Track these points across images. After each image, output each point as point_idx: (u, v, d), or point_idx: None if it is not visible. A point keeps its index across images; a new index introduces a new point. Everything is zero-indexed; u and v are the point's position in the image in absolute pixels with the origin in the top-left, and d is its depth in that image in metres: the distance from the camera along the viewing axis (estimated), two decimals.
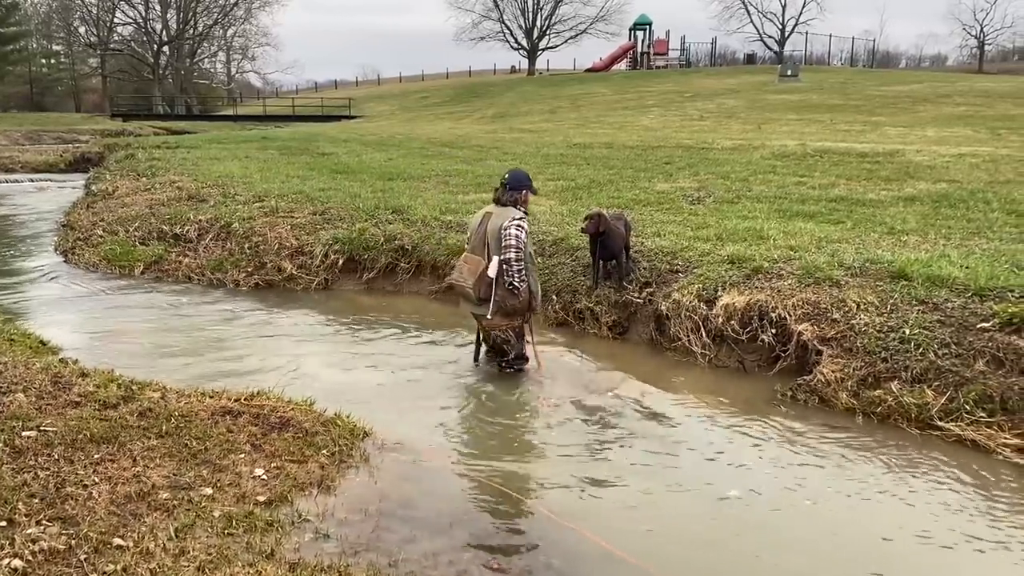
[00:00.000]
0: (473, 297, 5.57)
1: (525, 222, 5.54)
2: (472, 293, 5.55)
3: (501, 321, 5.66)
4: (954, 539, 3.73)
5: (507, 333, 5.79)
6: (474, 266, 5.54)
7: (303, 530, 3.45)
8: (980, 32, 70.55)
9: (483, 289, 5.51)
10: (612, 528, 3.77)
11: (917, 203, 9.39)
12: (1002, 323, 5.03)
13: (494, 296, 5.50)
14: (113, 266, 9.45)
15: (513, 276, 5.45)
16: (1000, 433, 4.53)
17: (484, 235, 5.53)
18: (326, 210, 9.91)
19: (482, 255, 5.53)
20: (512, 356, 5.87)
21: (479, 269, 5.50)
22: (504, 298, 5.52)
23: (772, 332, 5.87)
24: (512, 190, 5.62)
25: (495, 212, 5.57)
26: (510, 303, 5.54)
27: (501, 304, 5.53)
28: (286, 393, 4.88)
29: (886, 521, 3.86)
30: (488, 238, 5.49)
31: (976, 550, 3.65)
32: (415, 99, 51.09)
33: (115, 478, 3.64)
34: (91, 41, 60.80)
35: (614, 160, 14.79)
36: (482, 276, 5.49)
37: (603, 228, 6.59)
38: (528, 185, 5.72)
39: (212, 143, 21.07)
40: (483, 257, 5.52)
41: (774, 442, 4.79)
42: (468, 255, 5.65)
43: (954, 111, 23.30)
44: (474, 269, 5.53)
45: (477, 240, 5.59)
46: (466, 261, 5.64)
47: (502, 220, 5.46)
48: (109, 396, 4.50)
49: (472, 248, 5.64)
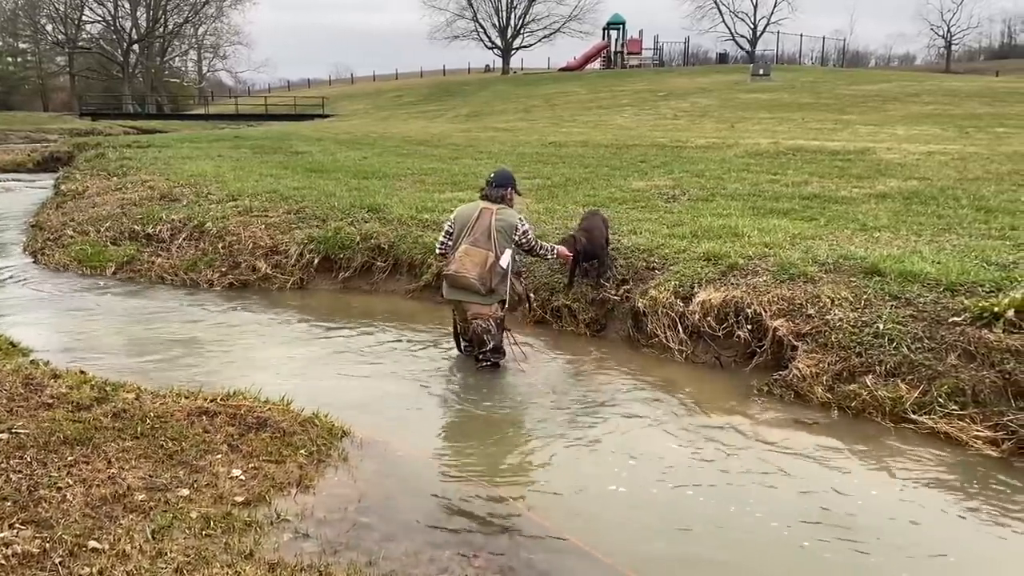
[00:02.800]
0: (479, 288, 5.71)
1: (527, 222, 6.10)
2: (477, 284, 5.70)
3: (497, 311, 5.85)
4: (927, 528, 3.78)
5: (489, 323, 5.85)
6: (479, 258, 5.71)
7: (282, 530, 3.42)
8: (947, 32, 71.85)
9: (494, 280, 5.72)
10: (590, 525, 3.78)
11: (888, 200, 9.51)
12: (973, 317, 5.10)
13: (503, 286, 5.80)
14: (84, 267, 9.31)
15: (547, 254, 6.28)
16: (972, 425, 4.60)
17: (489, 229, 5.74)
18: (301, 209, 9.84)
19: (487, 248, 5.71)
20: (491, 347, 5.91)
21: (487, 261, 5.69)
22: (513, 284, 5.95)
23: (748, 328, 5.92)
24: (499, 187, 5.98)
25: (494, 208, 5.85)
26: (518, 289, 6.15)
27: (510, 294, 5.92)
28: (263, 393, 4.84)
29: (858, 510, 3.91)
30: (494, 232, 5.72)
31: (950, 537, 3.72)
32: (389, 98, 50.88)
33: (90, 480, 3.59)
34: (59, 39, 59.83)
35: (589, 159, 14.83)
36: (493, 268, 5.70)
37: (580, 247, 6.61)
38: (513, 183, 6.10)
39: (184, 142, 20.85)
40: (489, 250, 5.70)
41: (751, 437, 4.82)
42: (470, 248, 5.76)
43: (923, 110, 23.62)
44: (480, 261, 5.70)
45: (480, 233, 5.76)
46: (467, 254, 5.75)
47: (513, 219, 5.87)
48: (82, 397, 4.44)
49: (474, 241, 5.76)
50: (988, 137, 16.67)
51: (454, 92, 47.76)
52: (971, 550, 3.69)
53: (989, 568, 3.60)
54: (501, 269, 5.74)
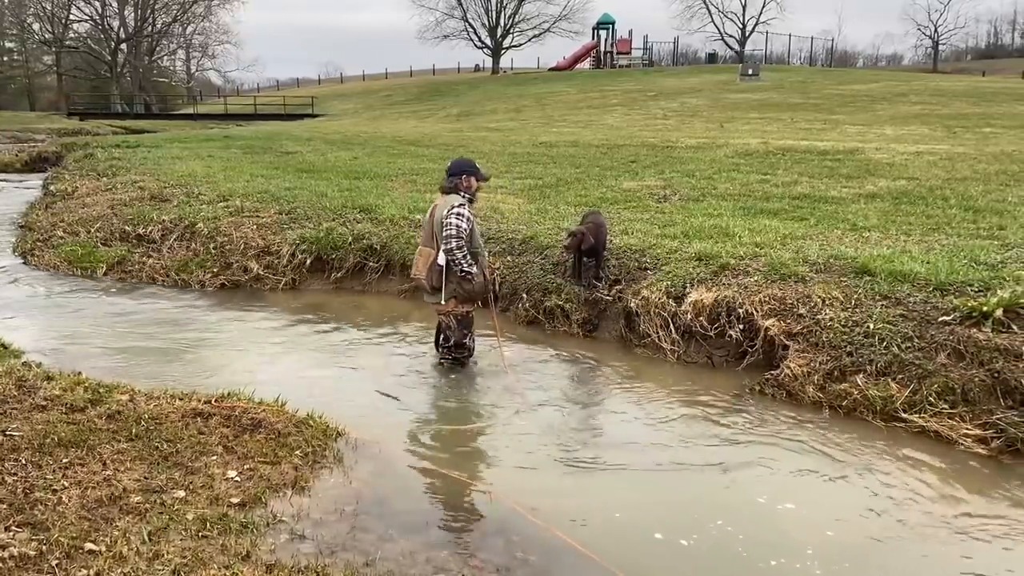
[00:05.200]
0: (427, 287, 5.76)
1: (465, 208, 5.62)
2: (425, 284, 5.76)
3: (455, 307, 5.79)
4: (918, 526, 3.82)
5: (448, 319, 5.87)
6: (424, 257, 5.76)
7: (278, 531, 3.43)
8: (934, 32, 72.26)
9: (435, 278, 5.69)
10: (585, 525, 3.80)
11: (878, 200, 9.58)
12: (962, 317, 5.16)
13: (447, 284, 5.67)
14: (75, 268, 9.28)
15: (460, 264, 5.58)
16: (962, 424, 4.65)
17: (431, 226, 5.71)
18: (292, 209, 9.83)
19: (431, 246, 5.71)
20: (452, 344, 5.92)
21: (429, 259, 5.70)
22: (459, 284, 5.67)
23: (740, 328, 5.96)
24: (452, 176, 5.73)
25: (440, 202, 5.73)
26: (466, 288, 5.70)
27: (456, 291, 5.70)
28: (257, 394, 4.84)
29: (850, 507, 3.95)
30: (435, 228, 5.65)
31: (941, 536, 3.76)
32: (379, 97, 50.79)
33: (85, 482, 3.59)
34: (46, 38, 59.35)
35: (580, 158, 14.86)
36: (432, 266, 5.68)
37: (585, 246, 6.66)
38: (468, 170, 5.79)
39: (173, 142, 20.77)
40: (433, 248, 5.70)
41: (745, 436, 4.85)
42: (421, 248, 5.85)
43: (910, 110, 23.76)
44: (424, 261, 5.75)
45: (426, 232, 5.79)
46: (420, 254, 5.84)
47: (444, 209, 5.59)
48: (76, 399, 4.43)
49: (423, 240, 5.82)
50: (975, 137, 16.80)
51: (444, 92, 47.72)
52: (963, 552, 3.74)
53: None
54: (439, 266, 5.64)
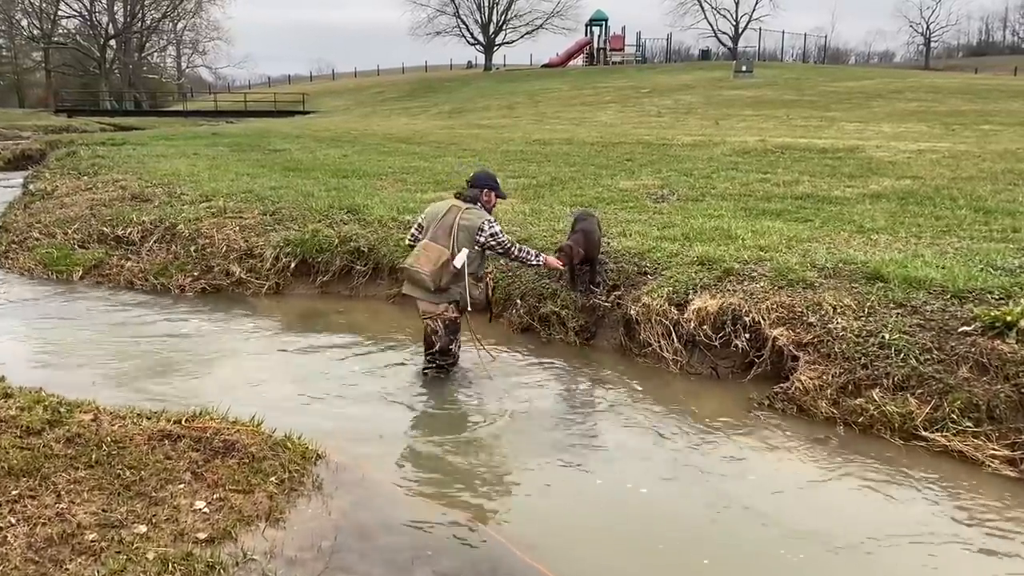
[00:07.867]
0: (429, 285, 5.42)
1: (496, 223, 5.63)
2: (428, 280, 5.39)
3: (448, 312, 5.55)
4: (944, 556, 3.52)
5: (437, 323, 5.61)
6: (435, 254, 5.41)
7: (248, 571, 3.11)
8: (926, 29, 72.22)
9: (444, 278, 5.41)
10: (577, 559, 3.50)
11: (883, 200, 9.27)
12: (984, 327, 4.84)
13: (453, 288, 5.47)
14: (50, 271, 8.92)
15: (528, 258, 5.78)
16: (988, 444, 4.33)
17: (452, 227, 5.44)
18: (277, 210, 9.48)
19: (446, 245, 5.41)
20: (436, 349, 5.65)
21: (441, 259, 5.38)
22: (469, 288, 5.51)
23: (746, 337, 5.64)
24: (474, 187, 5.68)
25: (463, 208, 5.52)
26: (474, 294, 5.60)
27: (462, 297, 5.51)
28: (232, 412, 4.49)
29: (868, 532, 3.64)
30: (457, 231, 5.41)
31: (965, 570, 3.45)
32: (370, 94, 50.36)
33: (35, 518, 3.25)
34: (34, 34, 58.59)
35: (575, 157, 14.52)
36: (445, 266, 5.38)
37: (576, 260, 6.32)
38: (491, 185, 5.75)
39: (160, 140, 20.38)
40: (447, 247, 5.39)
41: (756, 455, 4.54)
42: (428, 243, 5.47)
43: (907, 107, 23.52)
44: (434, 258, 5.40)
45: (441, 230, 5.47)
46: (425, 249, 5.46)
47: (479, 221, 5.48)
48: (33, 421, 4.08)
49: (433, 237, 5.47)
50: (975, 134, 16.54)
51: (436, 88, 47.34)
52: None
53: None
54: (454, 268, 5.39)
